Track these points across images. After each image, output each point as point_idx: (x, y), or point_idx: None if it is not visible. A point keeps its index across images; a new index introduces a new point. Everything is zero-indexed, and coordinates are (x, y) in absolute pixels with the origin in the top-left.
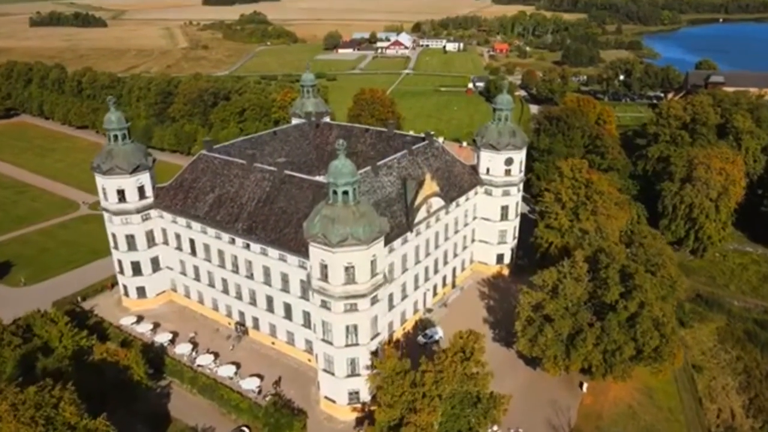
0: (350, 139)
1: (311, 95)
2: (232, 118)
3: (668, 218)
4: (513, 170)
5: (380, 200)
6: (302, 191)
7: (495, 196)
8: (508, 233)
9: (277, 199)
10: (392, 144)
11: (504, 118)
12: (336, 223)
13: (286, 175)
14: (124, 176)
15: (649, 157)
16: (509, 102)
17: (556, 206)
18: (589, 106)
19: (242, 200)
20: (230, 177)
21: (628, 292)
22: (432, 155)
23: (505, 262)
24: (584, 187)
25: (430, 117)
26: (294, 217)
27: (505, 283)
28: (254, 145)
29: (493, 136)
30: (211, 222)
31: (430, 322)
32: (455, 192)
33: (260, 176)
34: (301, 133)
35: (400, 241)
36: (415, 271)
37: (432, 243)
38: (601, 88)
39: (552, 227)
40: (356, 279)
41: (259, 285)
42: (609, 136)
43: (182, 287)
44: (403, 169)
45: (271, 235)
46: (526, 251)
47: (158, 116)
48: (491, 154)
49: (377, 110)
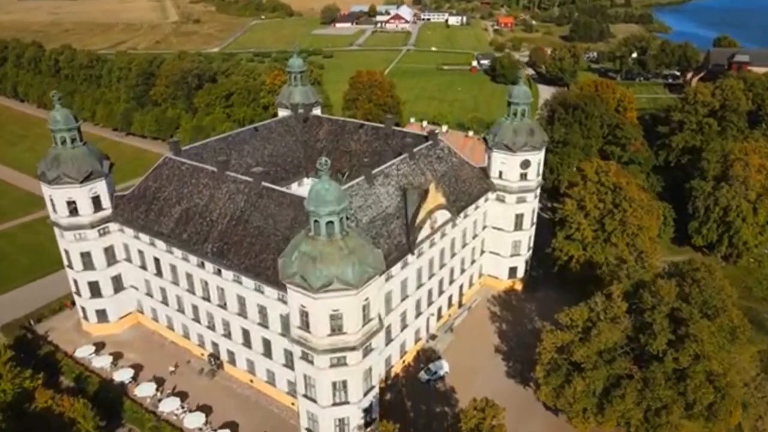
0: (343, 136)
1: (299, 83)
2: (218, 102)
3: (699, 221)
4: (530, 174)
5: (375, 217)
6: (282, 208)
7: (508, 204)
8: (522, 244)
9: (253, 217)
10: (390, 143)
11: (520, 114)
12: (318, 262)
13: (264, 188)
14: (73, 186)
15: (672, 147)
16: (527, 95)
17: (578, 215)
18: (608, 91)
19: (212, 216)
20: (199, 187)
21: (678, 339)
22: (436, 158)
23: (519, 276)
24: (611, 193)
25: (432, 99)
26: (272, 239)
27: (519, 301)
28: (232, 144)
29: (507, 135)
30: (177, 241)
31: (433, 352)
32: (463, 201)
33: (233, 188)
34: (286, 128)
35: (400, 266)
36: (417, 296)
37: (437, 262)
38: (614, 67)
39: (573, 238)
40: (344, 329)
41: (234, 316)
42: (630, 125)
43: (149, 309)
44: (402, 177)
45: (245, 261)
46: (541, 260)
47: (139, 99)
48: (505, 156)
49: (375, 94)
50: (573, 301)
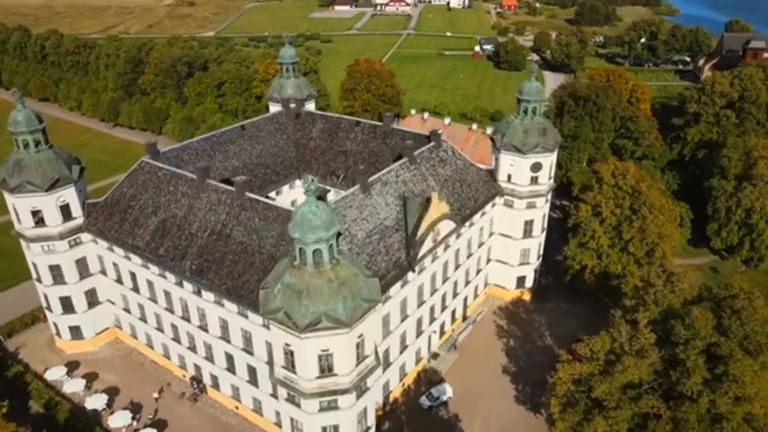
0: (337, 135)
1: (292, 75)
2: (209, 92)
3: (719, 222)
4: (541, 177)
5: (372, 231)
6: (267, 223)
7: (517, 209)
8: (531, 252)
9: (236, 231)
10: (389, 142)
11: (531, 112)
12: (304, 297)
13: (247, 199)
14: (38, 194)
15: (687, 140)
16: (538, 92)
17: (593, 222)
18: (620, 81)
19: (192, 229)
20: (177, 196)
21: (715, 378)
22: (439, 160)
23: (527, 286)
24: (629, 197)
25: (433, 87)
26: (256, 257)
27: (527, 313)
28: (216, 145)
29: (516, 136)
30: (153, 257)
31: (435, 373)
32: (469, 208)
33: (215, 198)
34: (277, 126)
35: (399, 285)
36: (418, 314)
37: (439, 277)
38: (622, 52)
39: (587, 246)
40: (335, 370)
41: (216, 340)
42: (644, 118)
43: (128, 326)
44: (402, 185)
45: (227, 282)
46: (550, 267)
47: (128, 88)
48: (514, 158)
49: (374, 84)
50: (585, 314)
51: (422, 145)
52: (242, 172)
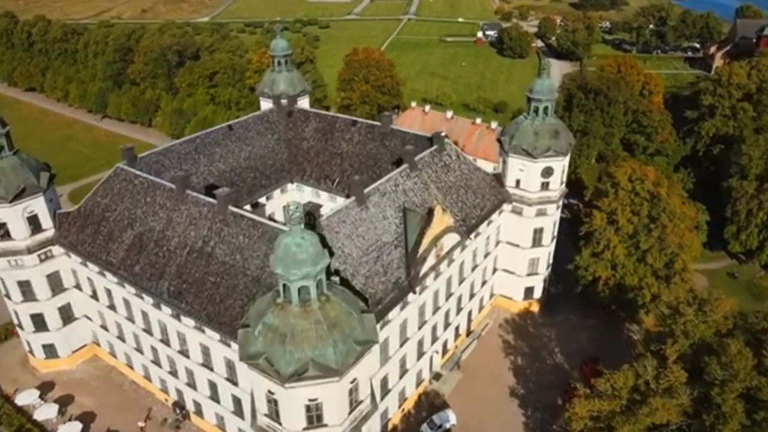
0: (332, 135)
1: (284, 68)
2: (201, 82)
3: (738, 225)
4: (552, 183)
5: (369, 248)
6: (252, 241)
7: (526, 217)
8: (540, 262)
9: (218, 250)
10: (387, 144)
11: (543, 112)
12: (288, 342)
13: (231, 214)
14: (1, 205)
15: (702, 134)
16: (550, 90)
17: (608, 231)
18: (632, 72)
19: (170, 245)
20: (155, 208)
21: (755, 424)
22: (442, 166)
23: (535, 297)
24: (647, 204)
25: (434, 75)
26: (240, 279)
27: (536, 326)
28: (200, 147)
29: (527, 138)
30: (128, 275)
31: (437, 396)
32: (475, 217)
33: (195, 211)
34: (267, 125)
35: (399, 308)
36: (419, 336)
37: (442, 293)
38: (630, 38)
39: (601, 257)
40: (325, 419)
41: (198, 366)
42: (658, 112)
43: (106, 343)
44: (402, 194)
45: (208, 307)
46: (560, 275)
47: (117, 78)
48: (524, 162)
49: (373, 74)
50: (597, 327)
51: (423, 148)
52: (229, 176)
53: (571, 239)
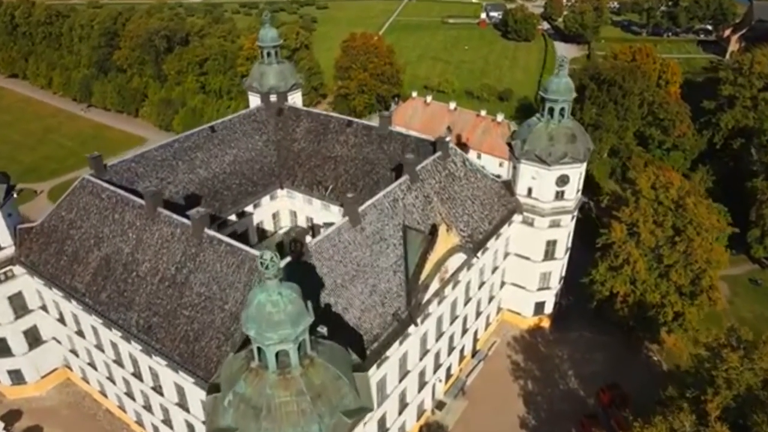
0: (326, 136)
1: (274, 60)
2: (190, 69)
3: (762, 229)
4: (568, 192)
5: (364, 276)
6: (231, 270)
7: (538, 228)
8: (553, 276)
9: (193, 278)
10: (386, 148)
11: (559, 114)
12: (264, 418)
13: (207, 238)
14: None
15: (720, 127)
16: (568, 89)
17: (629, 244)
18: (647, 60)
19: (140, 270)
20: (123, 226)
21: None
22: (447, 175)
23: (546, 312)
24: (672, 214)
25: (436, 60)
26: (216, 316)
27: (547, 344)
28: (179, 153)
29: (540, 143)
30: (94, 303)
31: (441, 428)
32: (483, 232)
33: (167, 232)
34: (255, 126)
35: (397, 344)
36: (420, 366)
37: (447, 318)
38: (640, 20)
39: (619, 271)
40: None
41: (172, 405)
42: (676, 103)
43: (78, 368)
44: (401, 210)
45: (181, 346)
46: (572, 286)
47: (103, 64)
48: (536, 170)
49: (371, 62)
50: (614, 346)
51: (425, 154)
52: (212, 184)
53: (582, 242)
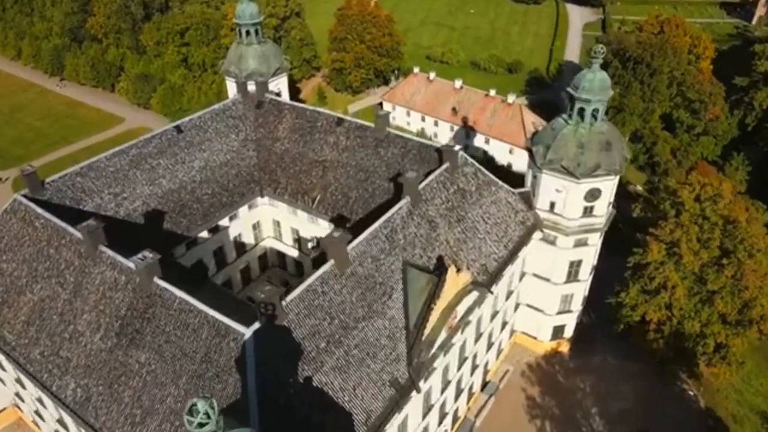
0: (313, 136)
1: (254, 41)
2: (171, 40)
3: None
4: (598, 208)
5: (355, 338)
6: (186, 334)
7: (561, 247)
8: (575, 298)
9: (139, 340)
10: (383, 154)
11: (591, 116)
12: None
13: (157, 291)
14: None
15: (754, 107)
16: (603, 86)
17: (668, 265)
18: (677, 33)
19: (79, 324)
20: (60, 265)
21: None
22: (456, 191)
23: (566, 336)
24: (719, 231)
25: (439, 26)
26: (167, 392)
27: (566, 373)
28: (137, 160)
29: (567, 152)
30: (25, 360)
31: None
32: (498, 258)
33: (110, 278)
34: (230, 123)
35: (397, 412)
36: (424, 424)
37: (454, 365)
38: None
39: (654, 295)
40: None
41: None
42: (709, 83)
43: (28, 410)
44: (401, 242)
45: (124, 428)
46: (594, 301)
47: (76, 33)
48: (562, 182)
49: (369, 32)
50: (645, 375)
51: (430, 163)
52: (178, 196)
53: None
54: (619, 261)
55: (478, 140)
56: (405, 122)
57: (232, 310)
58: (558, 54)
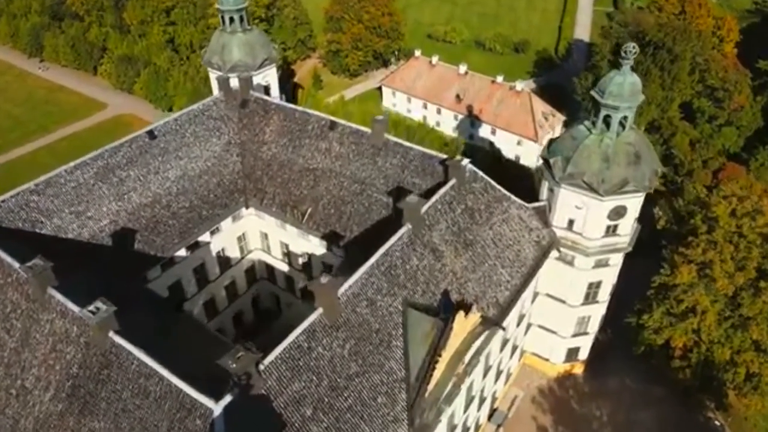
0: (302, 141)
1: (239, 28)
2: (156, 19)
3: None
4: (622, 226)
5: (342, 386)
6: (147, 403)
7: (580, 268)
8: (592, 320)
9: (93, 403)
10: (380, 164)
11: (617, 125)
12: None
13: (111, 348)
14: None
15: None
16: (634, 91)
17: (698, 288)
18: (701, 13)
19: (27, 379)
20: (6, 308)
21: None
22: (464, 212)
23: (581, 358)
24: (757, 250)
25: (442, 1)
26: None
27: (580, 398)
28: (103, 173)
29: (590, 165)
30: None
31: None
32: (510, 287)
33: (60, 328)
34: (211, 125)
35: None
36: None
37: (459, 411)
38: None
39: (680, 318)
40: None
41: None
42: (734, 70)
43: None
44: (401, 281)
45: None
46: (610, 317)
47: (56, 11)
48: (583, 199)
49: (367, 11)
50: (668, 401)
51: (433, 179)
52: (150, 213)
53: None
54: (639, 265)
55: (484, 130)
56: (405, 109)
57: (204, 363)
58: (567, 32)
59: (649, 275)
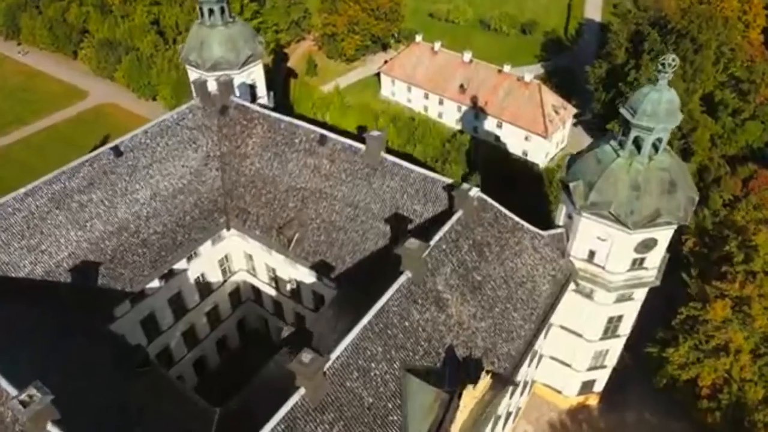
0: (289, 156)
1: (219, 21)
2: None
3: None
4: (650, 260)
5: None
6: None
7: (599, 303)
8: (611, 354)
9: None
10: (376, 186)
11: (650, 148)
12: None
13: None
14: None
15: None
16: (671, 110)
17: (732, 326)
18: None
19: None
20: None
21: None
22: (470, 247)
23: (596, 390)
24: None
25: None
26: None
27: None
28: (61, 198)
29: (618, 193)
30: None
31: None
32: (523, 335)
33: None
34: (184, 137)
35: None
36: None
37: None
38: None
39: (709, 354)
40: None
41: None
42: (761, 58)
43: None
44: (399, 341)
45: None
46: (630, 340)
47: None
48: (608, 230)
49: None
50: None
51: (436, 206)
52: (117, 242)
53: None
54: (661, 283)
55: (489, 124)
56: (405, 99)
57: None
58: (577, 11)
59: (671, 295)
